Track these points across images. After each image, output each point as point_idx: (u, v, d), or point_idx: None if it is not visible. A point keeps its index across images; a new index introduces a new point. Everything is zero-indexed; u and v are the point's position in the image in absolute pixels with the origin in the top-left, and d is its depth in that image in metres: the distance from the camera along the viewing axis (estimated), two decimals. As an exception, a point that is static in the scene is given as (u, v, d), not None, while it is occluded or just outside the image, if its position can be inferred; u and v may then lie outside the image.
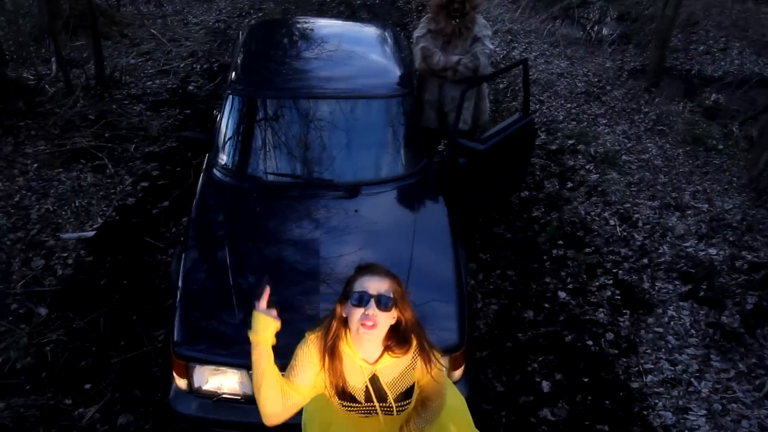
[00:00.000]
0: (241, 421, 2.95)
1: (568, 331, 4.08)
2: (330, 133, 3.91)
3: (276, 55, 4.54)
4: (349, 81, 4.11)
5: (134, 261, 4.61)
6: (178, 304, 3.14)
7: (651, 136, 7.04)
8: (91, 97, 7.08)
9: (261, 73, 4.27)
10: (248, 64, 4.39)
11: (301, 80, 4.18)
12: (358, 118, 3.99)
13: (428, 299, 3.12)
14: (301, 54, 4.58)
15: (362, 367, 2.08)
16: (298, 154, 3.88)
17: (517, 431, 3.44)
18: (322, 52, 4.50)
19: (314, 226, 3.55)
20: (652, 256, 4.78)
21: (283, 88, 4.10)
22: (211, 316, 3.14)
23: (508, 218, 5.21)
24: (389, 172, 3.92)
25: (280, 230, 3.61)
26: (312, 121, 3.94)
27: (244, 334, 2.93)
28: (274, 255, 3.45)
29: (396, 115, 4.06)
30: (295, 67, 4.38)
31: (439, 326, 3.05)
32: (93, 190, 5.43)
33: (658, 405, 3.60)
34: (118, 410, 3.53)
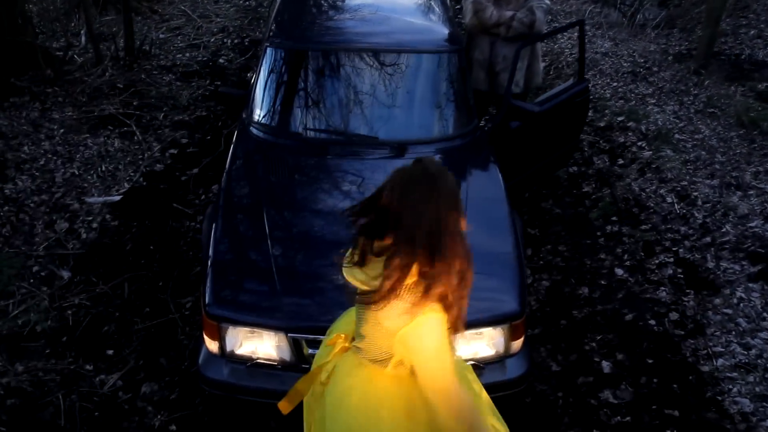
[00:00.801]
0: (277, 389, 2.65)
1: (627, 310, 3.74)
2: (375, 89, 3.62)
3: (317, 10, 4.26)
4: (395, 35, 3.82)
5: (161, 227, 4.37)
6: (211, 262, 2.88)
7: (702, 118, 6.64)
8: (119, 68, 6.88)
9: (301, 25, 3.99)
10: (287, 17, 4.11)
11: (344, 34, 3.90)
12: (405, 74, 3.69)
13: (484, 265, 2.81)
14: (344, 8, 4.28)
15: None
16: (341, 109, 3.60)
17: (577, 414, 3.12)
18: (365, 7, 4.20)
19: (357, 186, 3.27)
20: (714, 235, 4.41)
21: (325, 40, 3.82)
22: (246, 276, 2.87)
23: (557, 193, 4.88)
24: (438, 132, 3.62)
25: (320, 189, 3.33)
26: (355, 76, 3.65)
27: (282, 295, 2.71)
28: (314, 214, 3.18)
29: (445, 72, 3.75)
30: (337, 20, 4.10)
31: (497, 293, 2.76)
32: (120, 155, 5.21)
33: (733, 391, 3.25)
34: (142, 378, 3.28)
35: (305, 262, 2.87)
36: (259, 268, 2.85)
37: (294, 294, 2.70)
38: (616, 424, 3.06)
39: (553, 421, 3.08)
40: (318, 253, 2.91)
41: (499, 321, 2.69)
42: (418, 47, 3.72)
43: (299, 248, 2.95)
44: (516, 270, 2.88)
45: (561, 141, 4.45)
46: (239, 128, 3.74)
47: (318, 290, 2.73)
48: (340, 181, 3.34)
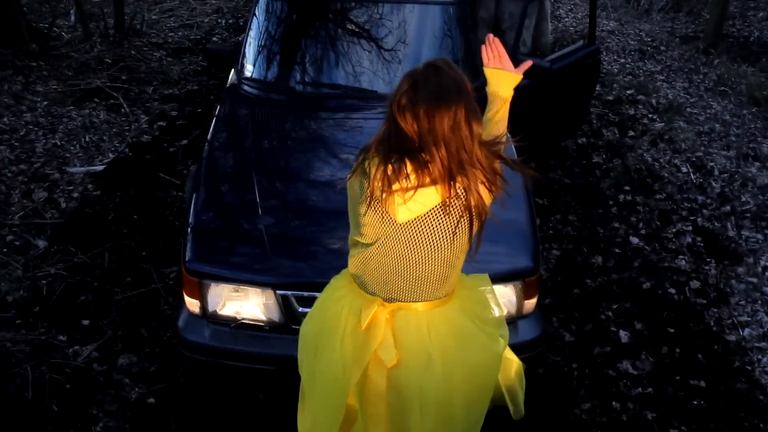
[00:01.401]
0: (264, 352, 2.40)
1: (645, 278, 3.48)
2: (375, 40, 3.35)
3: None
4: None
5: (147, 197, 4.11)
6: (193, 218, 2.61)
7: (713, 95, 6.39)
8: (108, 44, 6.63)
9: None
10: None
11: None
12: (407, 26, 3.43)
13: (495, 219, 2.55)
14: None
15: None
16: (339, 62, 3.34)
17: (594, 386, 2.85)
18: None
19: (354, 141, 3.01)
20: (734, 204, 4.16)
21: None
22: (231, 229, 2.61)
23: (565, 164, 4.62)
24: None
25: (313, 144, 3.07)
26: (355, 26, 3.40)
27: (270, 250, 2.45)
28: (306, 169, 2.91)
29: (450, 25, 3.50)
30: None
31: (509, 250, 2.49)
32: (105, 127, 4.95)
33: (763, 361, 2.99)
34: (119, 350, 3.01)
35: (296, 217, 2.62)
36: (246, 225, 2.60)
37: (282, 251, 2.44)
38: (637, 396, 2.80)
39: (568, 393, 2.82)
40: (310, 207, 2.65)
41: (511, 277, 2.43)
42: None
43: (289, 201, 2.70)
44: (529, 227, 2.62)
45: (571, 106, 4.20)
46: (228, 86, 3.48)
47: (308, 248, 2.46)
48: (334, 137, 3.09)
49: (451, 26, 3.48)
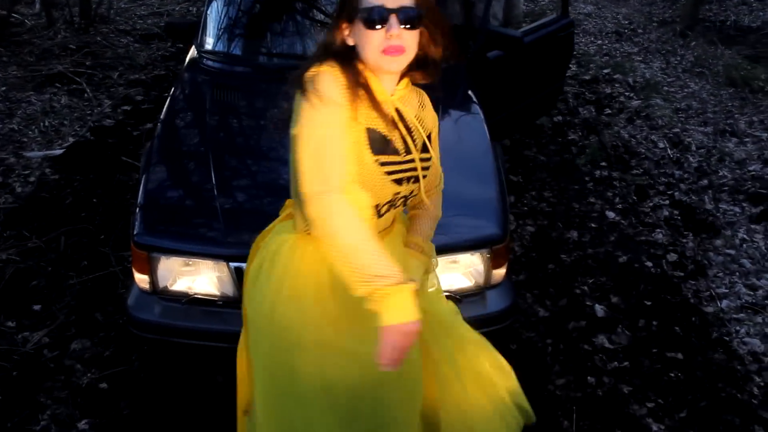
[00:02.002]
0: (217, 328, 2.26)
1: (621, 252, 3.38)
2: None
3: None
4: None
5: (107, 180, 3.95)
6: (143, 190, 2.47)
7: (690, 76, 6.34)
8: (73, 30, 6.45)
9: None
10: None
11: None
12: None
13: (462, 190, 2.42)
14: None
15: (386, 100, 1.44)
16: (299, 31, 3.21)
17: (568, 361, 2.74)
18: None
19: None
20: (711, 178, 4.08)
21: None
22: (182, 201, 2.47)
23: (541, 142, 4.52)
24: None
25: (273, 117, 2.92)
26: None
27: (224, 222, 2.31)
28: (265, 140, 2.77)
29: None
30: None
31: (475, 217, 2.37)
32: (66, 111, 4.78)
33: (741, 332, 2.90)
34: (72, 335, 2.86)
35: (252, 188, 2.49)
36: (199, 193, 2.46)
37: (237, 219, 2.31)
38: (612, 370, 2.69)
39: (542, 369, 2.71)
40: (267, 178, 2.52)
41: (477, 245, 2.31)
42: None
43: (243, 173, 2.56)
44: (496, 194, 2.49)
45: (544, 81, 4.09)
46: (187, 61, 3.34)
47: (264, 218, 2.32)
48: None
49: None
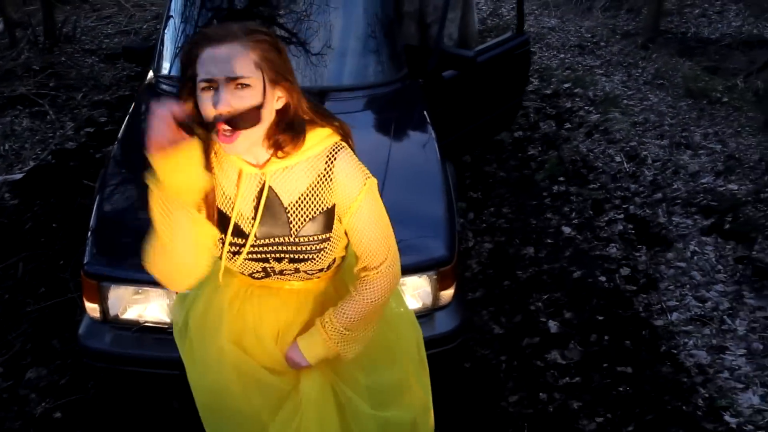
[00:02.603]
0: (167, 356, 2.27)
1: (575, 267, 3.45)
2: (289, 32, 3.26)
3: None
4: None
5: (68, 204, 3.94)
6: (94, 219, 2.50)
7: (651, 89, 6.47)
8: (37, 51, 6.42)
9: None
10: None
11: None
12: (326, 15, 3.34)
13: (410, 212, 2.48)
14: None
15: (247, 173, 1.35)
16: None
17: (521, 377, 2.80)
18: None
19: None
20: (665, 191, 4.18)
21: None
22: (132, 229, 2.47)
23: (501, 157, 4.60)
24: (361, 79, 3.29)
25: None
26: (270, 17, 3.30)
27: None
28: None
29: (370, 16, 3.43)
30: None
31: (423, 239, 2.42)
32: (27, 134, 4.76)
33: (689, 344, 2.98)
34: (28, 363, 2.86)
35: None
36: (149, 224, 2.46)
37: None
38: (564, 385, 2.75)
39: (496, 386, 2.76)
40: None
41: (424, 268, 2.36)
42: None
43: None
44: (444, 215, 2.55)
45: (501, 98, 4.17)
46: (144, 85, 3.36)
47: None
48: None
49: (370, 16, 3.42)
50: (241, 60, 1.20)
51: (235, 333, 1.50)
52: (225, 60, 1.19)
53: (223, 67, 1.19)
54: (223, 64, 1.19)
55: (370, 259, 1.43)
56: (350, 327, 1.44)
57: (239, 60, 1.20)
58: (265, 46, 1.23)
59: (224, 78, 1.19)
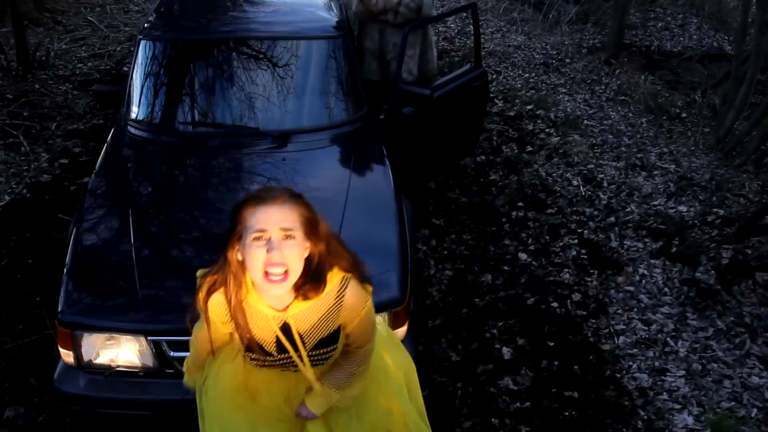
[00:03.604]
0: (140, 398, 2.45)
1: (530, 294, 3.66)
2: (255, 78, 3.44)
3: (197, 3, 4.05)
4: (278, 24, 3.68)
5: (43, 239, 4.06)
6: (67, 266, 2.64)
7: (613, 105, 6.72)
8: (10, 78, 6.48)
9: (178, 18, 3.79)
10: (165, 11, 3.90)
11: (224, 23, 3.73)
12: (287, 62, 3.52)
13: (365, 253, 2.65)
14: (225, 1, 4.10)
15: (270, 317, 1.67)
16: (221, 101, 3.41)
17: (475, 403, 2.99)
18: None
19: (235, 179, 3.09)
20: (619, 215, 4.40)
21: (203, 30, 3.63)
22: (104, 280, 2.63)
23: (464, 183, 4.79)
24: (322, 120, 3.46)
25: (196, 185, 3.12)
26: (236, 66, 3.47)
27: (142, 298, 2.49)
28: (186, 212, 2.96)
29: (329, 59, 3.61)
30: (217, 12, 3.91)
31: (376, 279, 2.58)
32: (2, 167, 4.86)
33: (633, 367, 3.19)
34: (6, 402, 2.99)
35: (168, 263, 2.66)
36: (119, 271, 2.62)
37: (153, 295, 2.49)
38: (514, 411, 2.95)
39: (451, 412, 2.94)
40: (185, 252, 2.71)
41: (377, 309, 2.52)
42: (299, 34, 3.58)
43: (165, 247, 2.74)
44: (398, 256, 2.73)
45: (461, 128, 4.36)
46: (114, 127, 3.50)
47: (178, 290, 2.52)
48: (217, 175, 3.14)
49: (329, 59, 3.59)
50: (289, 216, 1.53)
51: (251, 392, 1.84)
52: (277, 215, 1.52)
53: (275, 220, 1.51)
54: (275, 218, 1.51)
55: (360, 344, 1.80)
56: (342, 386, 1.81)
57: (287, 216, 1.53)
58: (303, 208, 1.57)
59: (277, 228, 1.51)
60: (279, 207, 1.53)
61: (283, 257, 1.52)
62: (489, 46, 7.93)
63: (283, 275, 1.54)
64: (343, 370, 1.82)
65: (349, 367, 1.82)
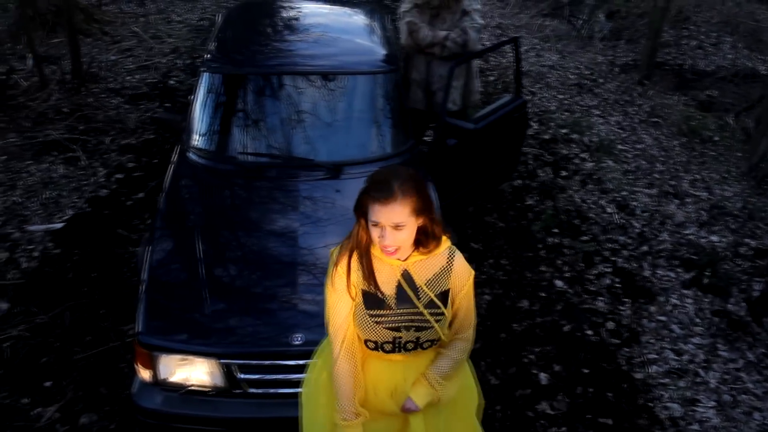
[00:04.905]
0: (211, 415, 2.67)
1: (566, 321, 3.83)
2: (311, 111, 3.66)
3: (255, 34, 4.29)
4: (331, 58, 3.88)
5: (105, 253, 4.33)
6: (144, 290, 2.87)
7: (646, 127, 6.84)
8: (66, 91, 6.80)
9: (237, 50, 4.02)
10: (225, 42, 4.14)
11: (280, 57, 3.94)
12: (340, 96, 3.75)
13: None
14: (282, 33, 4.34)
15: (393, 265, 1.94)
16: (277, 132, 3.63)
17: (514, 426, 3.18)
18: (303, 31, 4.27)
19: (293, 207, 3.31)
20: (651, 244, 4.55)
21: (261, 64, 3.86)
22: (178, 304, 2.87)
23: (501, 207, 4.97)
24: (374, 152, 3.67)
25: (256, 213, 3.34)
26: (290, 99, 3.70)
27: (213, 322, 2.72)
28: (249, 239, 3.19)
29: (380, 93, 3.82)
30: (274, 45, 4.14)
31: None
32: (64, 182, 5.15)
33: (665, 397, 3.35)
34: (80, 409, 3.25)
35: (236, 288, 2.89)
36: (191, 295, 2.85)
37: (224, 319, 2.72)
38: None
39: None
40: (251, 277, 2.93)
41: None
42: (353, 69, 3.79)
43: (232, 273, 2.97)
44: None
45: (500, 156, 4.55)
46: (178, 152, 3.75)
47: (248, 315, 2.75)
48: (274, 205, 3.36)
49: (380, 94, 3.80)
50: (399, 213, 1.79)
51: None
52: (389, 213, 1.79)
53: (387, 218, 1.79)
54: (387, 216, 1.79)
55: (464, 328, 2.03)
56: (445, 377, 2.02)
57: (398, 214, 1.79)
58: (413, 197, 1.81)
59: (389, 223, 1.80)
60: (391, 207, 1.78)
61: (394, 241, 1.82)
62: (524, 67, 8.07)
63: (395, 250, 1.85)
64: (447, 357, 2.03)
65: (453, 354, 2.03)
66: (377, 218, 1.80)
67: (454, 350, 2.04)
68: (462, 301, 1.98)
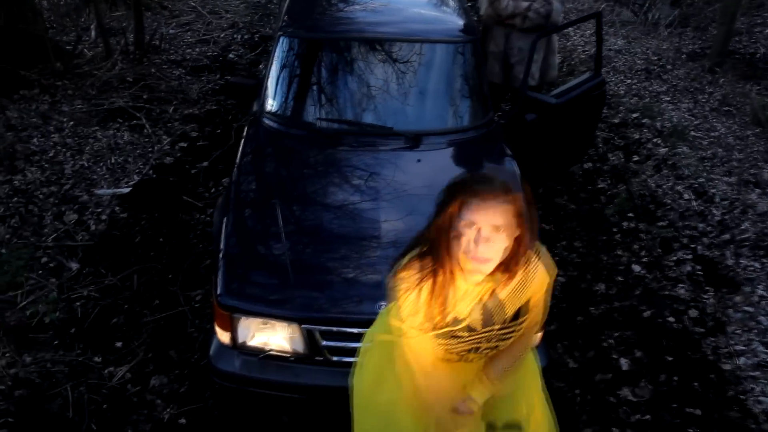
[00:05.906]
0: (290, 381, 2.61)
1: (645, 306, 3.66)
2: (389, 79, 3.55)
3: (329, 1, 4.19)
4: (409, 25, 3.76)
5: (171, 219, 4.32)
6: (222, 253, 2.81)
7: (717, 116, 6.55)
8: (129, 61, 6.83)
9: (314, 15, 3.93)
10: (300, 7, 4.05)
11: (358, 23, 3.84)
12: (420, 64, 3.63)
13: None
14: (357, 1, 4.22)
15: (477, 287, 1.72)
16: (356, 100, 3.54)
17: (595, 411, 3.04)
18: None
19: (372, 176, 3.21)
20: (734, 232, 4.33)
21: (338, 29, 3.76)
22: (258, 267, 2.80)
23: (572, 189, 4.80)
24: (454, 123, 3.56)
25: (333, 180, 3.26)
26: (370, 66, 3.59)
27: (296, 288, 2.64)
28: (325, 206, 3.10)
29: (461, 63, 3.69)
30: (350, 11, 4.03)
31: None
32: (129, 148, 5.16)
33: (756, 390, 3.17)
34: (151, 371, 3.22)
35: (317, 254, 2.80)
36: (272, 259, 2.78)
37: (307, 285, 2.64)
38: (635, 422, 2.98)
39: (570, 418, 3.00)
40: (330, 245, 2.84)
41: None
42: (432, 37, 3.67)
43: (311, 240, 2.88)
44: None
45: (576, 135, 4.38)
46: (250, 119, 3.69)
47: (331, 282, 2.67)
48: (353, 173, 3.27)
49: (462, 63, 3.67)
50: (501, 214, 1.54)
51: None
52: (490, 213, 1.53)
53: (487, 218, 1.53)
54: (487, 215, 1.53)
55: (532, 321, 1.84)
56: (503, 373, 1.90)
57: (500, 214, 1.54)
58: (518, 203, 1.56)
59: (488, 225, 1.54)
60: (493, 205, 1.53)
61: (488, 250, 1.56)
62: (590, 50, 7.84)
63: (485, 260, 1.58)
64: (509, 355, 1.90)
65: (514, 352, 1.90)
66: (474, 217, 1.53)
67: (516, 348, 1.90)
68: (539, 300, 1.80)
